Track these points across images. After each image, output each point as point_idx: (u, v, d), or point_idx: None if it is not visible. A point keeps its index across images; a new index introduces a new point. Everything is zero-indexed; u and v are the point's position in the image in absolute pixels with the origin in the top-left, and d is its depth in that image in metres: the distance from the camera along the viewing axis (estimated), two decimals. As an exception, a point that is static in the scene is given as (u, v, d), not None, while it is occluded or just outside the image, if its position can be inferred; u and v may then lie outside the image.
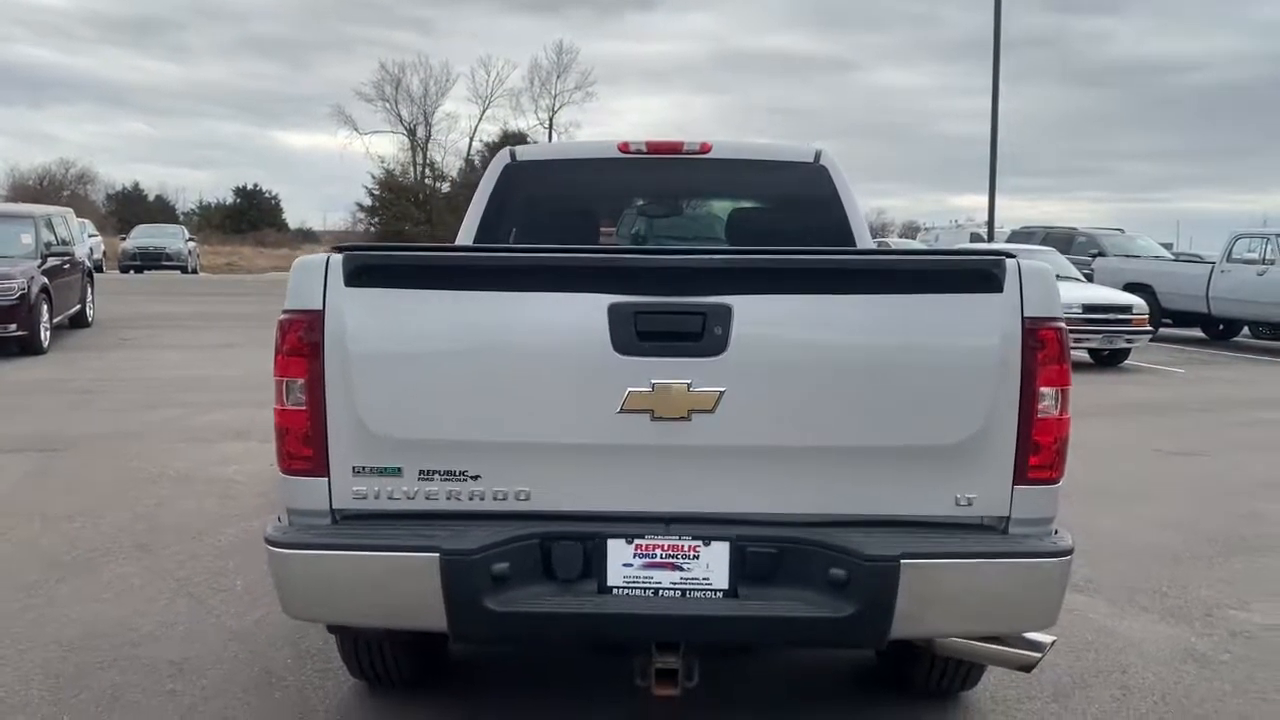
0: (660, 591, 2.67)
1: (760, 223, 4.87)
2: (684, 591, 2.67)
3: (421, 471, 2.68)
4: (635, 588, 2.67)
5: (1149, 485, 7.03)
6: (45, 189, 59.34)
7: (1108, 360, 13.80)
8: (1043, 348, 2.64)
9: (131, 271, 31.13)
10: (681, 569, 2.67)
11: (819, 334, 2.67)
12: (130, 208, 78.25)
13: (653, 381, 2.61)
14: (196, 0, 74.49)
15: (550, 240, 4.50)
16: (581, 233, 4.75)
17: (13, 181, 57.61)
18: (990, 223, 23.39)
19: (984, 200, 24.00)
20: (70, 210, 16.11)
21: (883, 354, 2.66)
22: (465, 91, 77.33)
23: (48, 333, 12.51)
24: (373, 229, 50.56)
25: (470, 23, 75.19)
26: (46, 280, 12.56)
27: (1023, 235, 22.13)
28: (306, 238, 63.02)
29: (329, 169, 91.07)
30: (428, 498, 2.69)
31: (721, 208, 5.07)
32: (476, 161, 52.82)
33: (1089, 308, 13.28)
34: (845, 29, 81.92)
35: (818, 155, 4.69)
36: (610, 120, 67.97)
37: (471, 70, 72.13)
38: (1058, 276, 11.90)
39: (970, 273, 2.67)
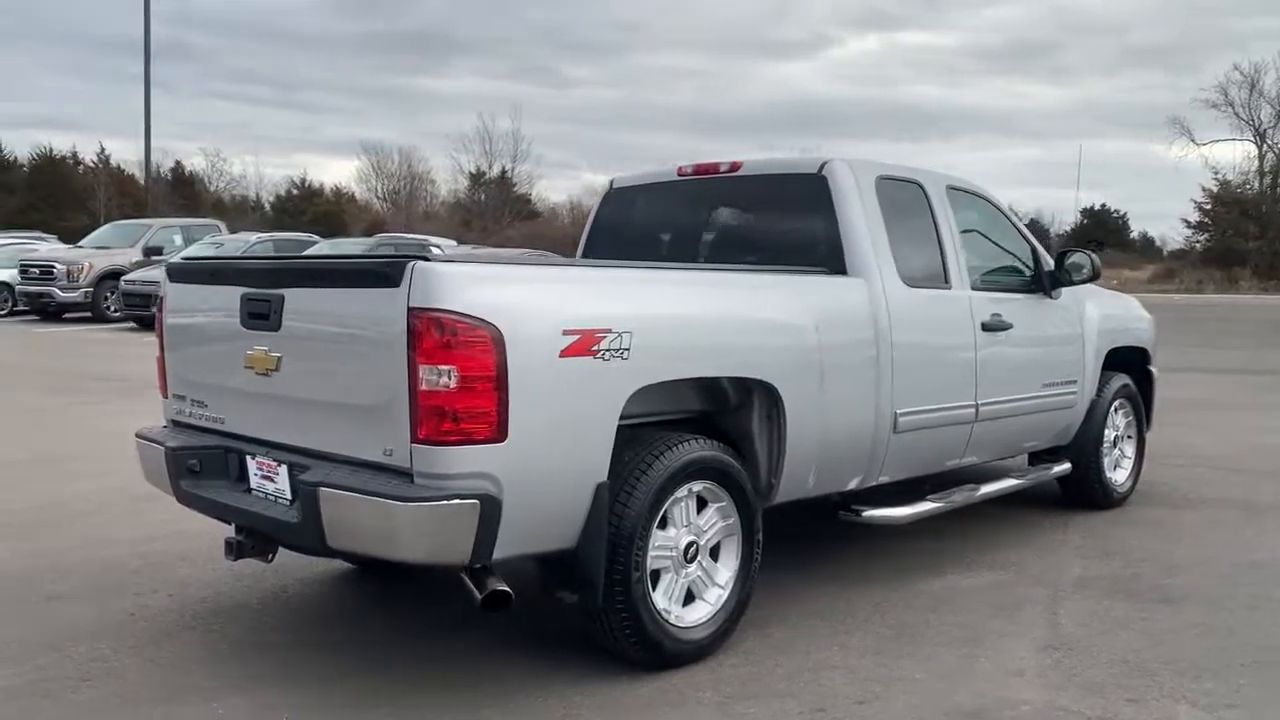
0: (268, 496, 3.84)
1: (762, 230, 5.16)
2: (276, 499, 3.80)
3: (191, 399, 4.23)
4: (260, 492, 3.88)
5: None
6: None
7: None
8: (422, 332, 3.22)
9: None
10: (274, 481, 3.80)
11: (312, 316, 3.62)
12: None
13: (255, 347, 3.81)
14: (1076, 19, 74.95)
15: (629, 252, 5.48)
16: (650, 245, 5.57)
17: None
18: None
19: None
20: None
21: (341, 331, 3.51)
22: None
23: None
24: (1197, 246, 47.02)
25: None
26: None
27: None
28: (1145, 253, 60.50)
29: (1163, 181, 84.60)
30: (191, 416, 4.23)
31: (749, 218, 5.39)
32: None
33: None
34: None
35: (822, 166, 4.87)
36: None
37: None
38: None
39: (376, 272, 3.35)
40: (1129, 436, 6.65)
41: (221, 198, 64.48)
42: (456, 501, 3.23)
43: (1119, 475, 6.53)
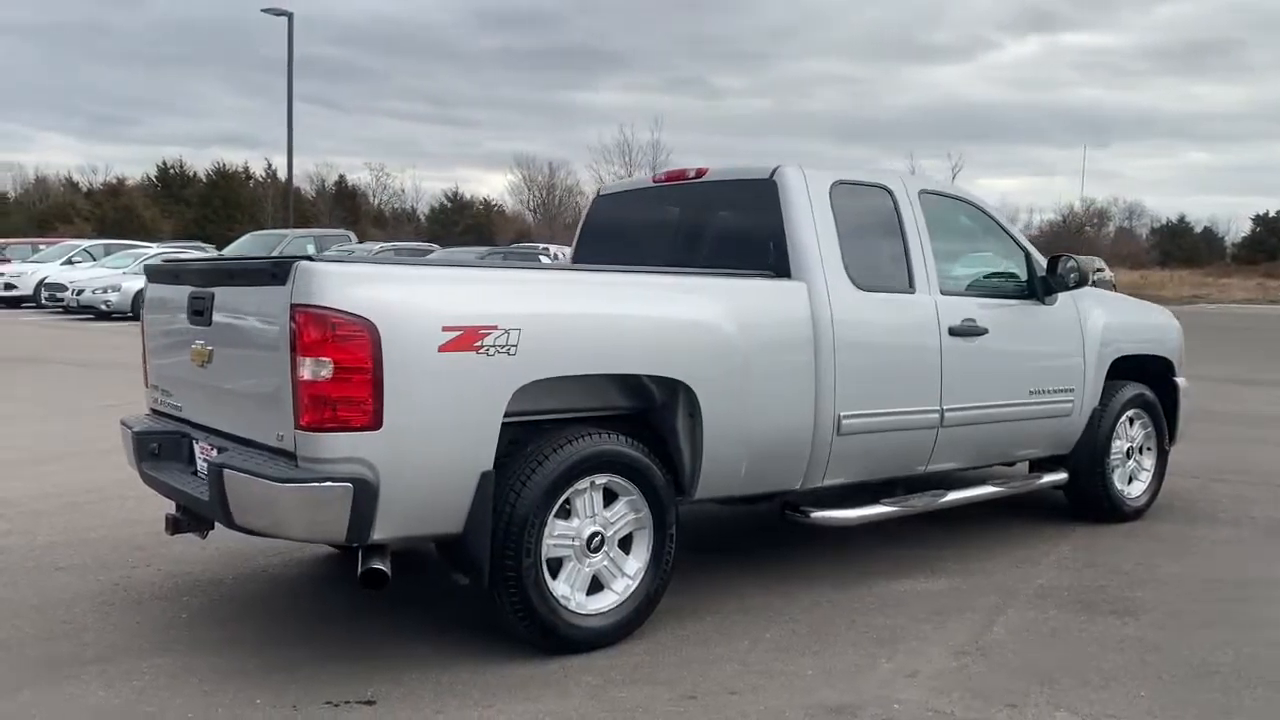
0: (205, 476, 4.19)
1: (723, 233, 5.28)
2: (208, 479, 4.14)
3: (161, 389, 4.64)
4: (201, 473, 4.23)
5: None
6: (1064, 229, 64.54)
7: None
8: (301, 326, 3.50)
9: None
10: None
11: (231, 312, 3.95)
12: (1174, 240, 78.90)
13: (196, 341, 4.18)
14: (1258, 16, 70.67)
15: (612, 254, 5.70)
16: (629, 247, 5.75)
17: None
18: None
19: None
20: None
21: (248, 327, 3.83)
22: None
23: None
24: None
25: None
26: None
27: None
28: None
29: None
30: (162, 404, 4.63)
31: (712, 221, 5.49)
32: None
33: None
34: None
35: (773, 172, 4.97)
36: None
37: None
38: None
39: (270, 271, 3.64)
40: (1147, 448, 6.42)
41: (382, 210, 67.51)
42: (329, 484, 3.49)
43: (1134, 488, 6.32)
